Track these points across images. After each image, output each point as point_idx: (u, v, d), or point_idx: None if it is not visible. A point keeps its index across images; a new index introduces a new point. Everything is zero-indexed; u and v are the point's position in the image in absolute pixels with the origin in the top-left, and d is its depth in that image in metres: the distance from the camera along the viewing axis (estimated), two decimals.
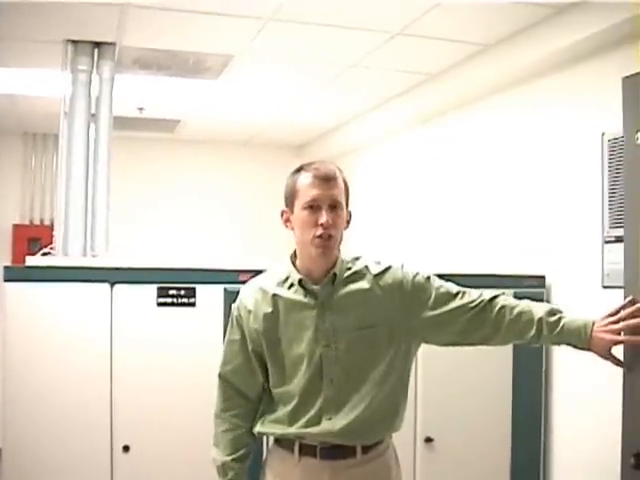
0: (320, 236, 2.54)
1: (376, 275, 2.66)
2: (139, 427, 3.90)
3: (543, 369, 4.58)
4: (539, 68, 4.75)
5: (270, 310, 2.65)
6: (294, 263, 2.69)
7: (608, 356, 2.47)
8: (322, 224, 2.54)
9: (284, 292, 2.66)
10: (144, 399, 3.91)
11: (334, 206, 2.57)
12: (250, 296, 2.73)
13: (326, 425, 2.58)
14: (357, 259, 2.72)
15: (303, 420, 2.61)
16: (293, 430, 2.63)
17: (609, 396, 4.04)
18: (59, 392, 3.80)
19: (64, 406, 3.80)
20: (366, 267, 2.68)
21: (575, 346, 2.53)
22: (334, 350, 2.59)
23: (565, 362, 4.51)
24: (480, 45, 5.01)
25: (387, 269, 2.68)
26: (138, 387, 3.91)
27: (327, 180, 2.58)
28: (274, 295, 2.66)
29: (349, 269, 2.67)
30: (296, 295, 2.64)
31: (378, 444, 2.67)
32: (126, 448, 3.87)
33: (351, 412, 2.58)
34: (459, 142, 5.93)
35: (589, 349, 2.50)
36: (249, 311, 2.70)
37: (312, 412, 2.60)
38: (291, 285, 2.66)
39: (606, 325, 2.48)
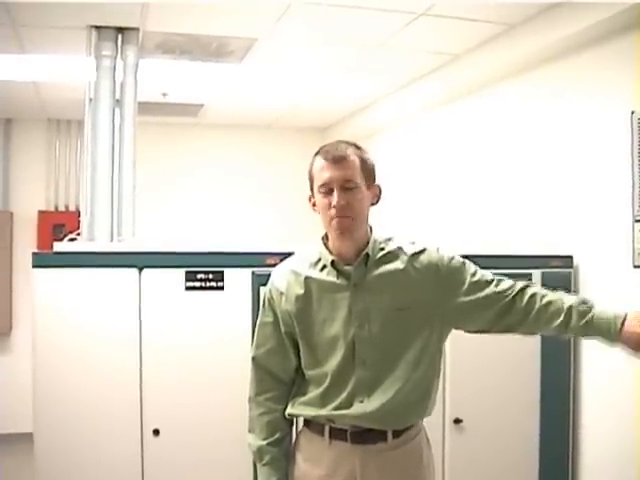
0: (335, 218, 2.56)
1: (411, 256, 2.65)
2: (169, 411, 3.92)
3: (572, 348, 4.54)
4: (566, 47, 4.69)
5: (302, 292, 2.66)
6: (326, 245, 2.69)
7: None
8: (334, 206, 2.54)
9: (316, 274, 2.67)
10: (173, 383, 3.93)
11: (347, 187, 2.56)
12: (282, 278, 2.73)
13: (358, 408, 2.58)
14: (390, 240, 2.71)
15: (335, 402, 2.61)
16: (324, 412, 2.62)
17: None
18: (89, 377, 3.82)
19: (94, 391, 3.82)
20: (400, 248, 2.67)
21: (605, 340, 2.49)
22: (367, 331, 2.58)
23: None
24: (505, 25, 4.96)
25: (423, 251, 2.67)
26: (167, 371, 3.92)
27: (336, 162, 2.58)
28: (306, 277, 2.67)
29: (382, 249, 2.66)
30: (329, 277, 2.64)
31: (409, 428, 2.67)
32: (156, 432, 3.90)
33: (384, 395, 2.58)
34: (485, 122, 5.89)
35: (619, 343, 2.46)
36: (281, 293, 2.71)
37: (344, 394, 2.60)
38: (323, 267, 2.66)
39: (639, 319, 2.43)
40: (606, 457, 4.40)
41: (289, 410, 2.74)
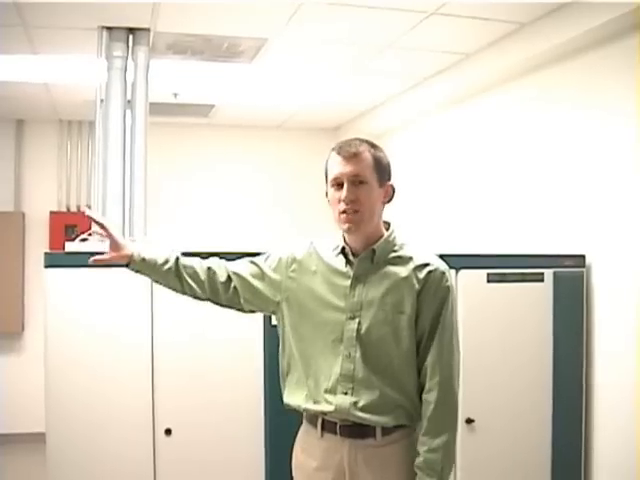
0: (344, 212, 2.61)
1: (417, 267, 2.67)
2: (181, 410, 3.92)
3: (584, 346, 4.53)
4: (577, 46, 4.68)
5: (314, 269, 2.75)
6: (343, 235, 2.74)
7: None
8: (343, 200, 2.60)
9: (330, 258, 2.75)
10: (185, 383, 3.93)
11: (357, 182, 2.62)
12: (304, 250, 2.82)
13: (340, 400, 2.63)
14: (407, 245, 2.75)
15: (321, 394, 2.67)
16: (311, 405, 2.69)
17: None
18: (101, 377, 3.82)
19: (106, 390, 3.82)
20: (411, 257, 2.69)
21: None
22: (357, 324, 2.64)
23: (608, 342, 4.49)
24: (517, 23, 4.95)
25: (430, 265, 2.68)
26: (179, 371, 3.92)
27: (347, 157, 2.63)
28: (320, 257, 2.76)
29: (395, 251, 2.70)
30: (338, 263, 2.72)
31: (400, 428, 2.68)
32: (168, 431, 3.90)
33: (365, 393, 2.62)
34: (496, 121, 5.88)
35: None
36: (294, 259, 2.80)
37: (329, 385, 2.66)
38: (338, 254, 2.74)
39: None
40: (619, 455, 4.38)
41: (285, 399, 2.81)
